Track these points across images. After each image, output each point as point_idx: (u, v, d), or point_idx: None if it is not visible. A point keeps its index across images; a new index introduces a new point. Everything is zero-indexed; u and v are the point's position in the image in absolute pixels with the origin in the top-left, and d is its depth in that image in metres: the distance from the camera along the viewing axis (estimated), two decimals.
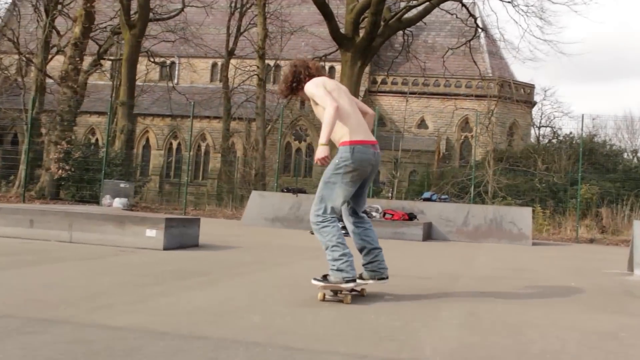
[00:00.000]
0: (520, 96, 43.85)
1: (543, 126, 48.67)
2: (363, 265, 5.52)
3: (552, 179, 24.59)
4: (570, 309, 5.38)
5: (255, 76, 31.67)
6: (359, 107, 5.39)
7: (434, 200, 16.10)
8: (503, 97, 40.83)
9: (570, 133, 32.83)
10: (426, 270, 7.88)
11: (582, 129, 19.91)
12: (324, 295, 5.14)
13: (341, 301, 5.07)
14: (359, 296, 5.39)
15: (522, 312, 5.04)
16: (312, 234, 13.88)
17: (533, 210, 18.29)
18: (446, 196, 17.09)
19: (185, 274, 6.17)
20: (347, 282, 5.09)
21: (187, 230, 8.99)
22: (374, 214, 14.86)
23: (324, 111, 5.03)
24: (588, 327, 4.55)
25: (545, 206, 21.73)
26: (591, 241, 18.04)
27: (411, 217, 14.84)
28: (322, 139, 4.98)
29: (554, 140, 35.91)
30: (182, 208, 21.96)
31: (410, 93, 42.62)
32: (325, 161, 5.00)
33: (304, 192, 17.44)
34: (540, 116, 48.68)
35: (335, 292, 5.18)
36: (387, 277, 5.51)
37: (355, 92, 25.60)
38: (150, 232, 8.35)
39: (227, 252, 8.72)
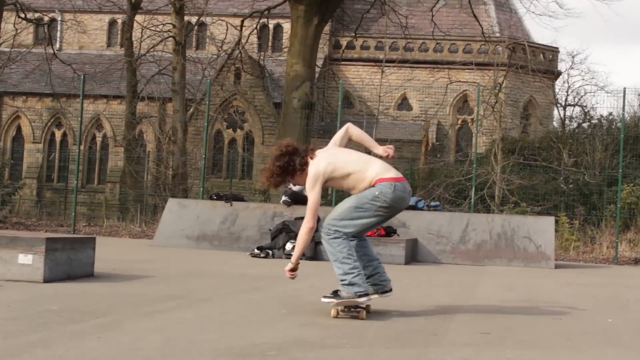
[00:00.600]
0: (540, 64, 44.31)
1: (570, 105, 49.36)
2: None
3: (582, 178, 24.96)
4: (607, 353, 5.48)
5: (171, 39, 31.52)
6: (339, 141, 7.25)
7: (421, 209, 16.22)
8: (515, 66, 41.10)
9: (610, 115, 33.31)
10: (410, 304, 7.94)
11: (623, 109, 20.15)
12: (337, 312, 6.62)
13: (356, 317, 6.54)
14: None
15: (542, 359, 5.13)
16: (253, 256, 13.98)
17: (557, 221, 18.59)
18: (437, 203, 17.22)
19: (75, 315, 6.13)
20: (360, 296, 6.51)
21: (77, 254, 8.91)
22: None
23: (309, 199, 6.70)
24: None
25: (573, 215, 22.09)
26: (636, 262, 18.37)
27: (389, 232, 14.94)
28: (294, 258, 7.20)
29: (586, 125, 36.47)
30: (70, 224, 21.75)
31: (387, 61, 42.76)
32: (293, 276, 7.11)
33: (242, 199, 17.44)
34: (567, 91, 49.37)
35: (349, 308, 6.63)
36: (390, 290, 6.95)
37: (310, 61, 25.71)
38: (25, 258, 8.26)
39: (134, 284, 8.68)
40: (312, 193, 6.68)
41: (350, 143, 7.34)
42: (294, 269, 7.12)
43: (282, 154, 6.77)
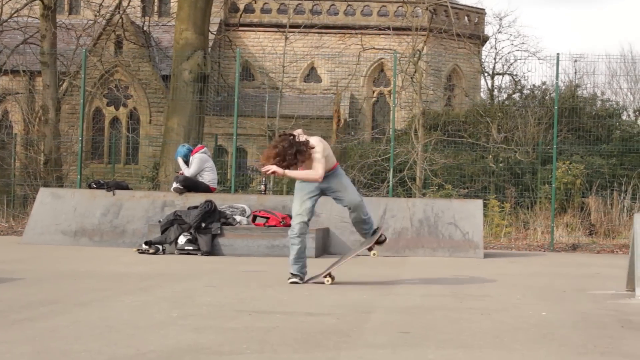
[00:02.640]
0: (464, 28, 44.85)
1: (499, 74, 49.80)
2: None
3: (514, 156, 25.36)
4: (539, 351, 5.59)
5: (39, 2, 30.96)
6: None
7: None
8: (437, 30, 41.48)
9: (543, 84, 33.85)
10: (321, 303, 7.99)
11: (557, 77, 20.46)
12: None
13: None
14: None
15: None
16: (141, 252, 13.88)
17: (485, 205, 18.86)
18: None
19: None
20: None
21: None
22: (238, 218, 14.90)
23: (312, 168, 9.74)
24: None
25: (504, 197, 22.46)
26: (574, 248, 18.77)
27: None
28: (291, 174, 10.02)
29: (516, 96, 36.99)
30: None
31: (292, 26, 42.73)
32: (274, 173, 9.70)
33: (126, 187, 17.26)
34: (495, 58, 49.90)
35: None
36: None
37: (202, 27, 25.53)
38: None
39: (0, 288, 8.55)
40: (320, 159, 9.79)
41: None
42: (275, 171, 9.60)
43: (290, 143, 9.53)
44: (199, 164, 16.39)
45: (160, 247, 14.24)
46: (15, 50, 35.27)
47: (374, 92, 46.80)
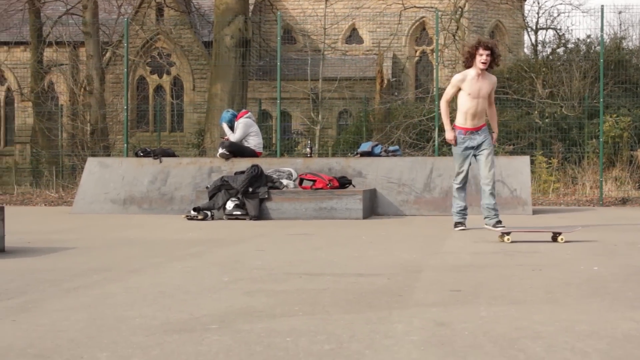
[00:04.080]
0: None
1: (542, 28, 49.33)
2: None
3: (560, 111, 25.20)
4: (591, 305, 5.57)
5: None
6: None
7: (378, 155, 16.30)
8: None
9: (587, 37, 33.49)
10: (370, 264, 8.00)
11: (602, 29, 20.32)
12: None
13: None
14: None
15: (519, 316, 5.19)
16: (189, 218, 13.96)
17: (532, 161, 18.79)
18: (396, 147, 17.33)
19: None
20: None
21: None
22: (284, 182, 14.95)
23: (492, 105, 11.81)
24: (618, 332, 4.72)
25: (551, 153, 22.33)
26: (623, 202, 18.69)
27: (343, 183, 15.01)
28: (497, 129, 12.38)
29: (561, 50, 36.59)
30: None
31: None
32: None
33: (172, 154, 17.37)
34: (538, 13, 49.40)
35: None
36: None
37: None
38: None
39: (53, 258, 8.64)
40: None
41: None
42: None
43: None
44: (244, 128, 16.44)
45: (209, 213, 14.32)
46: (58, 21, 35.44)
47: (416, 51, 46.61)
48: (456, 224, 11.91)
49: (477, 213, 15.00)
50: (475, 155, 11.64)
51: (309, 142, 21.58)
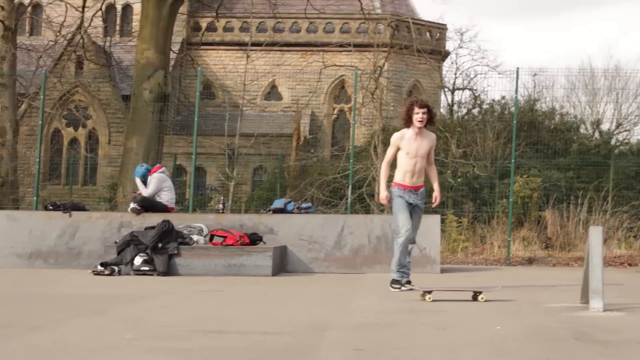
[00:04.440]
0: (426, 43, 45.02)
1: (459, 89, 49.98)
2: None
3: (472, 170, 25.46)
4: None
5: None
6: None
7: (290, 211, 16.27)
8: (398, 46, 41.56)
9: (502, 98, 33.98)
10: (276, 322, 7.96)
11: (516, 91, 20.50)
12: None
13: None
14: None
15: None
16: (96, 273, 13.76)
17: (443, 220, 18.91)
18: (309, 204, 17.31)
19: None
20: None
21: None
22: (195, 237, 14.83)
23: (432, 165, 11.58)
24: None
25: (461, 212, 22.54)
26: (530, 261, 18.89)
27: (254, 239, 14.94)
28: (439, 188, 11.75)
29: (475, 111, 37.14)
30: None
31: (253, 44, 42.70)
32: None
33: (82, 208, 17.13)
34: (455, 73, 50.07)
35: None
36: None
37: (164, 46, 25.49)
38: None
39: None
40: None
41: None
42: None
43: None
44: (157, 183, 16.32)
45: (116, 268, 14.13)
46: None
47: (334, 109, 46.90)
48: (393, 282, 11.49)
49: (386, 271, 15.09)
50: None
51: (222, 197, 21.50)
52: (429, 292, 10.03)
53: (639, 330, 7.56)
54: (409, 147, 11.15)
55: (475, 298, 10.01)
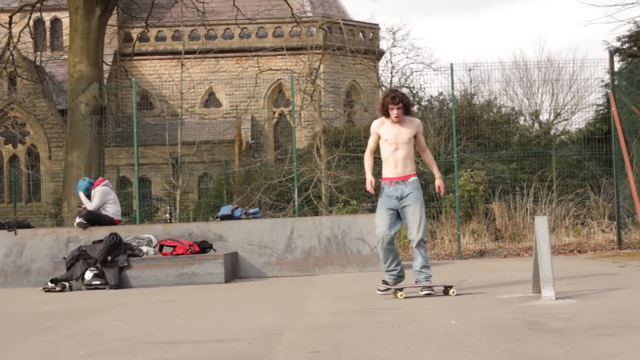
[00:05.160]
0: (359, 44, 45.19)
1: (397, 86, 50.44)
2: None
3: (416, 167, 25.56)
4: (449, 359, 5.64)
5: None
6: None
7: (238, 218, 16.26)
8: (332, 48, 41.64)
9: (440, 94, 34.19)
10: (231, 329, 7.96)
11: (452, 87, 20.66)
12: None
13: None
14: None
15: None
16: (47, 290, 13.65)
17: None
18: (256, 209, 17.31)
19: None
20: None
21: None
22: (144, 248, 14.77)
23: (425, 151, 10.82)
24: None
25: None
26: (481, 254, 19.03)
27: (204, 247, 14.91)
28: (439, 173, 11.01)
29: (414, 108, 37.29)
30: None
31: (187, 52, 42.62)
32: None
33: (28, 225, 16.96)
34: (391, 72, 50.43)
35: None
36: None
37: (96, 58, 25.35)
38: None
39: None
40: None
41: None
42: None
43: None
44: (101, 196, 16.21)
45: (67, 284, 14.02)
46: None
47: (274, 113, 46.94)
48: (383, 283, 10.72)
49: (338, 272, 15.14)
50: (403, 209, 10.30)
51: (168, 207, 21.40)
52: (401, 290, 10.09)
53: (591, 316, 7.64)
54: (387, 134, 10.29)
55: (446, 292, 10.08)
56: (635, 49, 27.36)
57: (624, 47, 27.98)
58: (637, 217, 17.49)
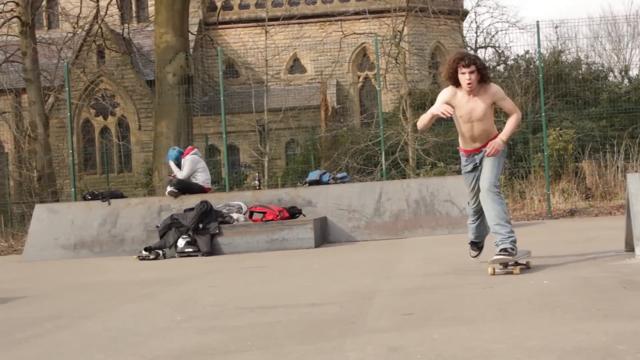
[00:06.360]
0: (443, 4, 44.72)
1: (482, 47, 49.87)
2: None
3: (503, 127, 25.34)
4: (542, 320, 5.61)
5: (16, 19, 30.88)
6: None
7: (327, 183, 16.31)
8: (415, 10, 41.35)
9: (526, 53, 33.80)
10: (323, 293, 8.00)
11: (539, 45, 20.51)
12: (494, 269, 8.37)
13: (510, 273, 8.28)
14: None
15: (471, 336, 5.22)
16: (141, 258, 13.87)
17: None
18: (344, 174, 17.35)
19: None
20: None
21: None
22: (234, 216, 14.91)
23: (511, 113, 9.05)
24: (570, 344, 4.77)
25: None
26: (572, 213, 18.84)
27: (293, 213, 14.99)
28: (506, 137, 8.95)
29: (501, 67, 36.95)
30: None
31: (271, 19, 42.74)
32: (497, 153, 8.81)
33: (121, 195, 17.25)
34: (476, 32, 49.92)
35: (506, 265, 8.39)
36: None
37: (182, 28, 25.52)
38: None
39: (2, 308, 8.56)
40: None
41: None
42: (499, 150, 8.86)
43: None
44: (191, 165, 16.39)
45: (160, 252, 14.23)
46: None
47: (359, 77, 46.80)
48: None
49: (428, 234, 15.12)
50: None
51: (257, 174, 21.56)
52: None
53: None
54: (460, 111, 8.78)
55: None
56: None
57: None
58: None
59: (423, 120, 8.99)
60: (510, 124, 8.94)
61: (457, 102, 8.75)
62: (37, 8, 35.80)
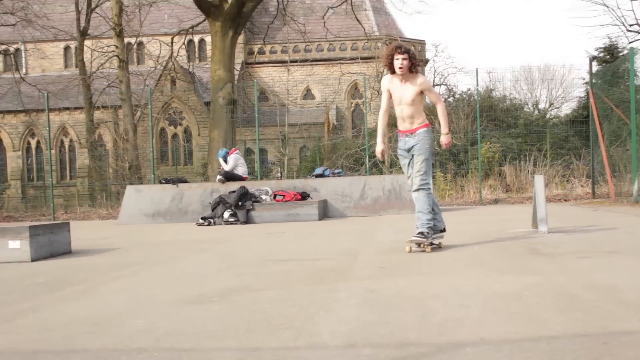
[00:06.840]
0: None
1: (437, 84, 49.87)
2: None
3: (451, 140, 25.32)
4: (473, 274, 5.66)
5: (115, 57, 30.90)
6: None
7: (327, 176, 16.34)
8: None
9: (468, 89, 33.82)
10: (323, 251, 8.03)
11: (477, 84, 20.70)
12: (411, 248, 7.56)
13: (424, 251, 7.47)
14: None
15: (424, 283, 5.27)
16: (198, 225, 13.91)
17: (434, 176, 18.91)
18: (340, 170, 17.38)
19: (57, 284, 6.07)
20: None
21: (56, 237, 8.80)
22: (263, 197, 14.95)
23: (436, 104, 7.93)
24: (491, 290, 4.82)
25: (446, 170, 22.47)
26: (496, 202, 18.85)
27: (304, 196, 15.04)
28: (447, 129, 7.86)
29: (451, 99, 36.90)
30: (50, 213, 21.34)
31: (292, 61, 42.73)
32: (450, 144, 7.91)
33: (185, 181, 17.31)
34: (434, 74, 49.99)
35: (419, 245, 7.51)
36: (444, 229, 8.01)
37: (229, 66, 25.54)
38: (14, 244, 8.12)
39: (103, 256, 8.61)
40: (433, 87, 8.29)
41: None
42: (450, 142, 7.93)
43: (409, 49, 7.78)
44: (234, 161, 16.44)
45: (212, 220, 14.27)
46: (103, 92, 35.23)
47: (352, 103, 46.67)
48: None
49: (396, 214, 15.12)
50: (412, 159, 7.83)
51: (279, 169, 21.61)
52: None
53: (573, 245, 7.57)
54: (394, 94, 7.84)
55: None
56: (608, 57, 26.60)
57: (600, 55, 27.25)
58: (606, 176, 17.13)
59: (378, 132, 8.21)
60: (441, 116, 7.86)
61: (393, 87, 7.83)
62: (130, 50, 35.87)
